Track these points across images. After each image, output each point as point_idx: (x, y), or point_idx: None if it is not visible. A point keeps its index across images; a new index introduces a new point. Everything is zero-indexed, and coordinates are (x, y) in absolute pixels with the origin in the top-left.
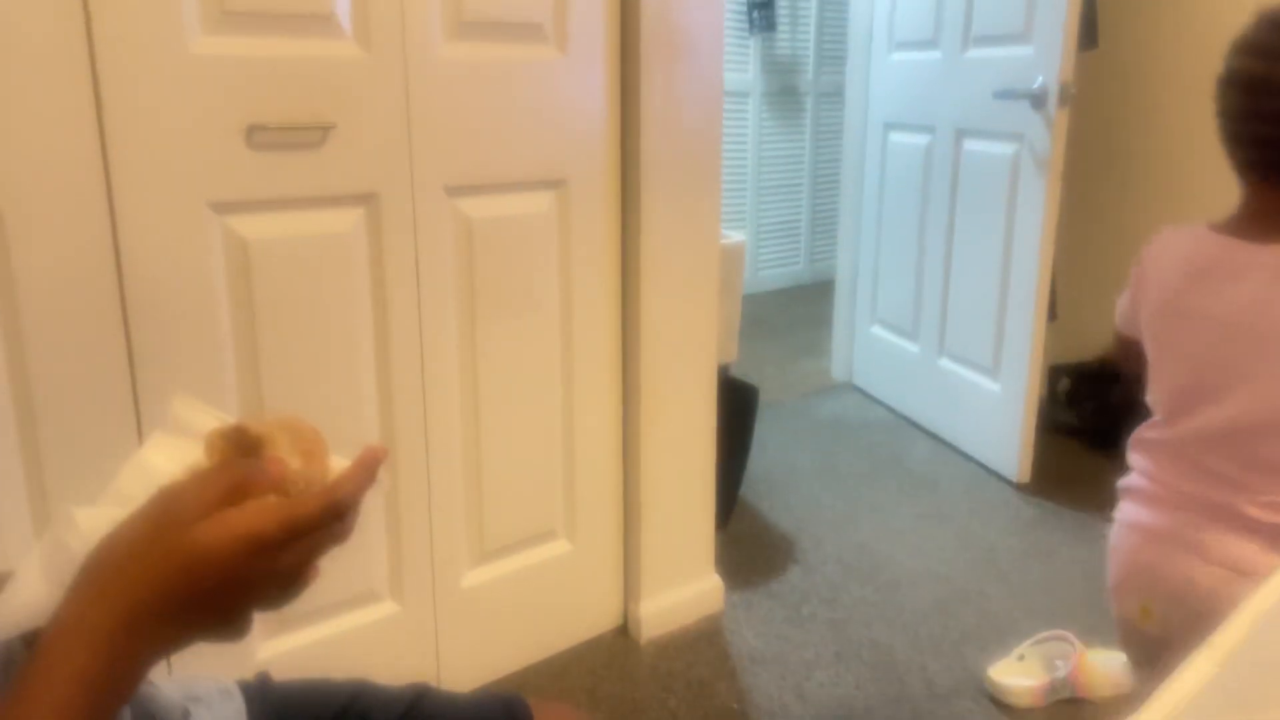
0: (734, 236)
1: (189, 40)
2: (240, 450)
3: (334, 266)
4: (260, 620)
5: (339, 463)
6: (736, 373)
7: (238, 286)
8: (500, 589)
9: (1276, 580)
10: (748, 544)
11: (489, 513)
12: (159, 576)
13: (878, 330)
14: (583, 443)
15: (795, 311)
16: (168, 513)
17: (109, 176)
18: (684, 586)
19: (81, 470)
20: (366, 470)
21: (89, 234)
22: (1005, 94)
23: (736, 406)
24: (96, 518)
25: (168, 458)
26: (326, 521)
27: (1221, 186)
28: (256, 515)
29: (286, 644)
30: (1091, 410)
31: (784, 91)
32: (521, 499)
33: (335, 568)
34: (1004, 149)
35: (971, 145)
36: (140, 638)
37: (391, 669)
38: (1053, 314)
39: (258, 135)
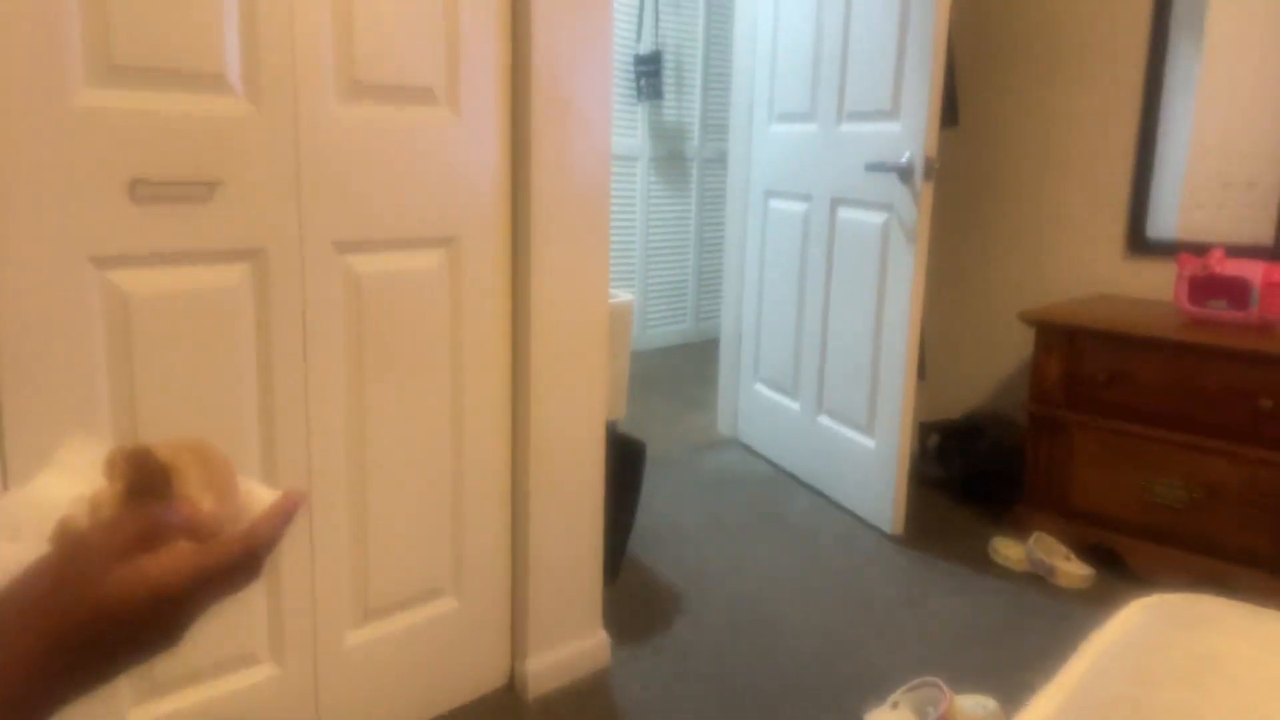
0: (622, 295)
1: (72, 92)
2: (144, 475)
3: (218, 322)
4: (129, 684)
5: (251, 490)
6: (625, 428)
7: (116, 342)
8: (385, 648)
9: (1116, 620)
10: (635, 598)
11: (374, 570)
12: (64, 628)
13: (760, 388)
14: (471, 498)
15: (682, 368)
16: (75, 561)
17: None
18: (572, 643)
19: None
20: (284, 516)
21: None
22: (876, 166)
23: (624, 461)
24: None
25: (64, 485)
26: (239, 569)
27: (1072, 254)
28: (169, 565)
29: (158, 709)
30: (959, 465)
31: (670, 156)
32: (408, 556)
33: (211, 627)
34: (875, 218)
35: (846, 214)
36: (38, 690)
37: None
38: (922, 373)
39: (141, 189)
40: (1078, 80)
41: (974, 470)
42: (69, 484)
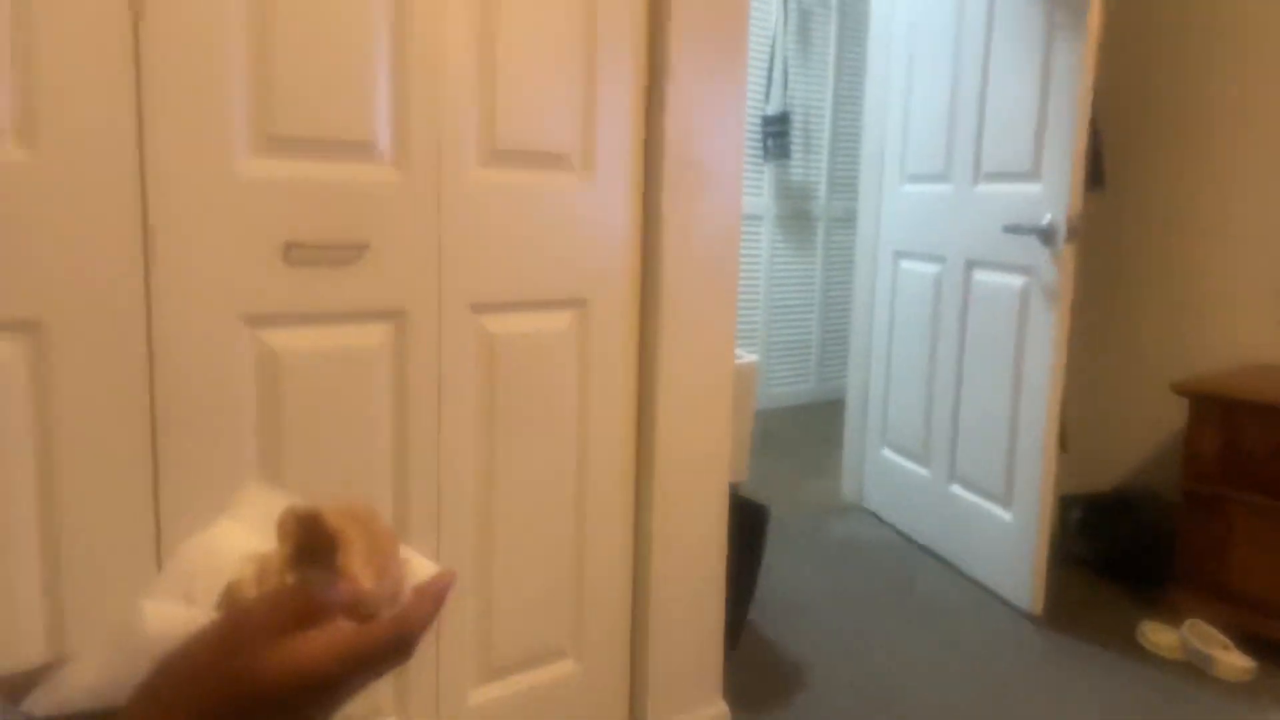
0: (747, 356)
1: (235, 161)
2: (311, 539)
3: (360, 379)
4: None
5: (409, 559)
6: (747, 491)
7: (266, 396)
8: (506, 708)
9: None
10: (756, 669)
11: (498, 628)
12: (216, 705)
13: (888, 453)
14: (593, 559)
15: (805, 430)
16: (235, 636)
17: (149, 287)
18: (691, 711)
19: (98, 577)
20: (437, 599)
21: (125, 343)
22: (1015, 228)
23: (747, 526)
24: (165, 616)
25: (238, 537)
26: (392, 652)
27: (1225, 321)
28: (325, 648)
29: None
30: (1105, 542)
31: (796, 215)
32: (530, 615)
33: None
34: (1013, 280)
35: (981, 276)
36: None
37: None
38: (1064, 444)
39: (295, 253)
40: (1234, 142)
41: (1120, 548)
42: (243, 536)
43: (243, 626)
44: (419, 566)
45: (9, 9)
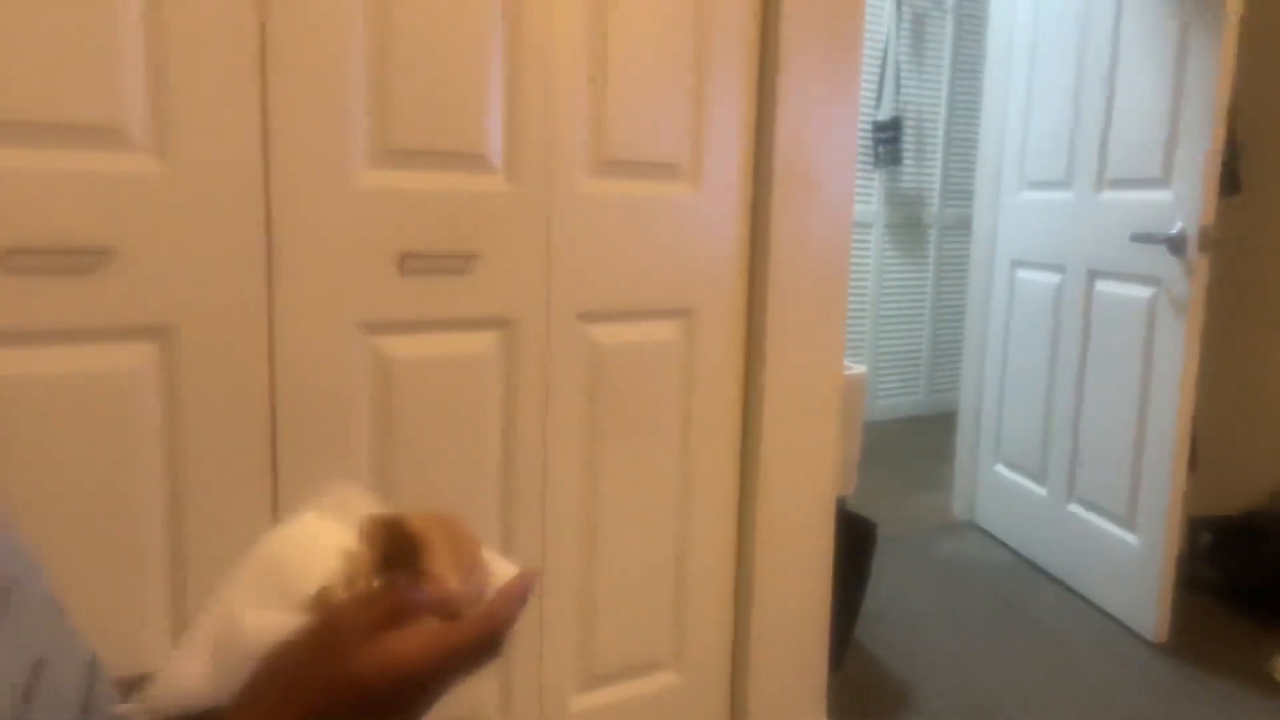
0: (855, 367)
1: (354, 173)
2: (395, 545)
3: (468, 387)
4: None
5: (492, 562)
6: (853, 505)
7: (379, 404)
8: (606, 716)
9: None
10: (862, 689)
11: (600, 637)
12: (316, 706)
13: (1001, 469)
14: (695, 571)
15: (914, 443)
16: (330, 638)
17: (271, 294)
18: None
19: (219, 570)
20: (520, 599)
21: (249, 348)
22: (1143, 237)
23: (854, 541)
24: (264, 623)
25: (325, 534)
26: (481, 649)
27: None
28: (416, 647)
29: None
30: (1237, 568)
31: (907, 223)
32: (632, 625)
33: None
34: (1140, 291)
35: (1105, 286)
36: None
37: None
38: (1193, 464)
39: (409, 262)
40: None
41: (1252, 575)
42: (328, 532)
43: (337, 629)
44: (500, 568)
45: (142, 27)
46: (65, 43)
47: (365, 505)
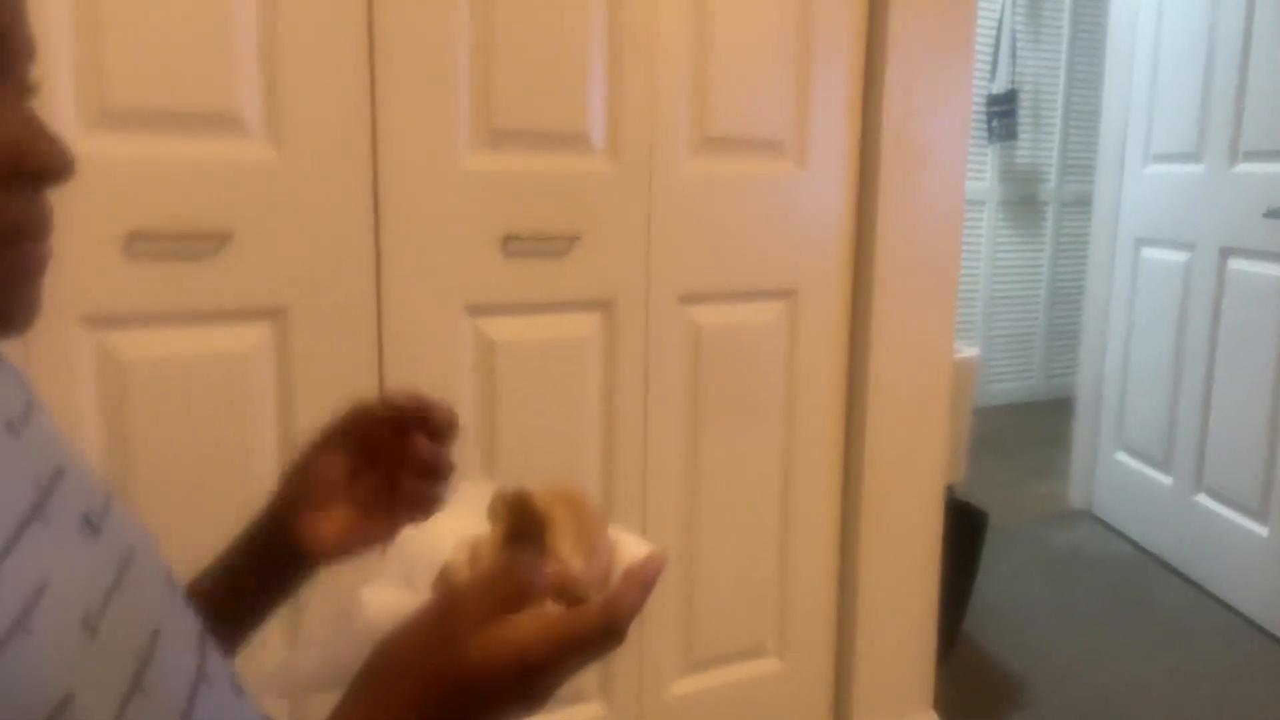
0: (966, 350)
1: (459, 155)
2: (522, 521)
3: (569, 368)
4: None
5: (620, 539)
6: (963, 494)
7: (483, 382)
8: (707, 701)
9: None
10: (971, 682)
11: (701, 621)
12: (431, 691)
13: (1123, 457)
14: (798, 557)
15: (1027, 429)
16: (445, 623)
17: (380, 277)
18: None
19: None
20: (647, 583)
21: (359, 330)
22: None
23: (963, 531)
24: (382, 601)
25: (455, 525)
26: (603, 637)
27: None
28: (531, 633)
29: None
30: None
31: (1022, 200)
32: (733, 610)
33: None
34: (1276, 271)
35: (1238, 265)
36: None
37: None
38: None
39: (513, 244)
40: None
41: None
42: (459, 524)
43: (453, 613)
44: (630, 545)
45: (256, 20)
46: (185, 34)
47: (489, 495)
